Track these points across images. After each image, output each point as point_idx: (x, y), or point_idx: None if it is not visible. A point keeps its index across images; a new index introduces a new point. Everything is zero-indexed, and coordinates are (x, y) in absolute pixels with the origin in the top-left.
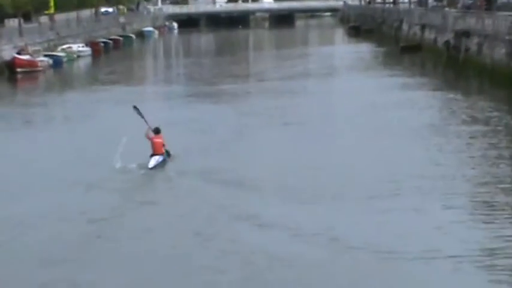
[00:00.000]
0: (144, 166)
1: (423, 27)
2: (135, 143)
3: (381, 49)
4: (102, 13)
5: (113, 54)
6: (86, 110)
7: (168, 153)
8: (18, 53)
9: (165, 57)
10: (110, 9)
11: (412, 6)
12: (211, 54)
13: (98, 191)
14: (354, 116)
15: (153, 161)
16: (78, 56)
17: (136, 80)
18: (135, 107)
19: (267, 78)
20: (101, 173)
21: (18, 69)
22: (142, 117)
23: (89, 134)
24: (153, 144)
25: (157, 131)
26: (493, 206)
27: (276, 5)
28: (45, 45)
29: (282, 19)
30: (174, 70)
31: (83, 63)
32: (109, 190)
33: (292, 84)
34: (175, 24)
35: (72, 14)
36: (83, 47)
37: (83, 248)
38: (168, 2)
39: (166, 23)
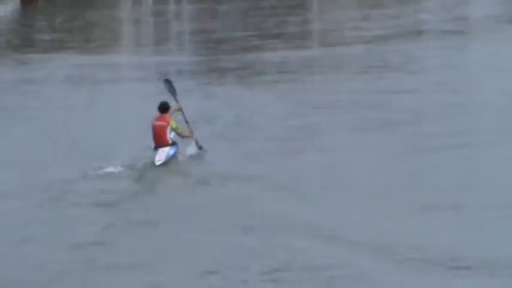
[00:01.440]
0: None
1: None
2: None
3: None
4: None
5: None
6: (11, 99)
7: (198, 145)
8: None
9: (155, 1)
10: None
11: None
12: None
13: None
14: (504, 108)
15: (162, 153)
16: None
17: (103, 44)
18: (167, 81)
19: (342, 39)
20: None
21: None
22: (174, 93)
23: (19, 139)
24: (153, 131)
25: (161, 108)
26: None
27: None
28: None
29: None
30: (173, 26)
31: (5, 11)
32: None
33: (388, 50)
34: None
35: None
36: None
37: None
38: None
39: None
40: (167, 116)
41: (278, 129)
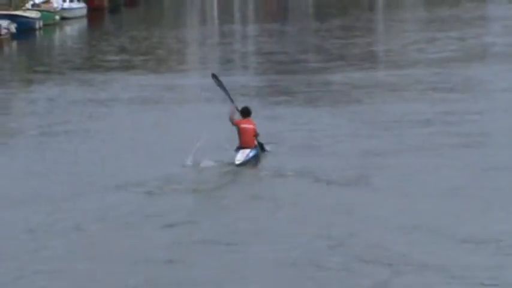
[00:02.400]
0: (226, 162)
1: None
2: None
3: None
4: None
5: (127, 15)
6: (77, 119)
7: (261, 147)
8: None
9: (220, 21)
10: None
11: None
12: (303, 16)
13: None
14: None
15: (241, 155)
16: (64, 18)
17: (168, 65)
18: (214, 76)
19: (408, 62)
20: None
21: None
22: (224, 89)
23: (76, 160)
24: (241, 132)
25: (246, 113)
26: None
27: None
28: None
29: None
30: (237, 45)
31: (72, 31)
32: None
33: (454, 73)
34: None
35: None
36: (72, 1)
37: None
38: None
39: None
40: (251, 119)
41: (346, 150)
